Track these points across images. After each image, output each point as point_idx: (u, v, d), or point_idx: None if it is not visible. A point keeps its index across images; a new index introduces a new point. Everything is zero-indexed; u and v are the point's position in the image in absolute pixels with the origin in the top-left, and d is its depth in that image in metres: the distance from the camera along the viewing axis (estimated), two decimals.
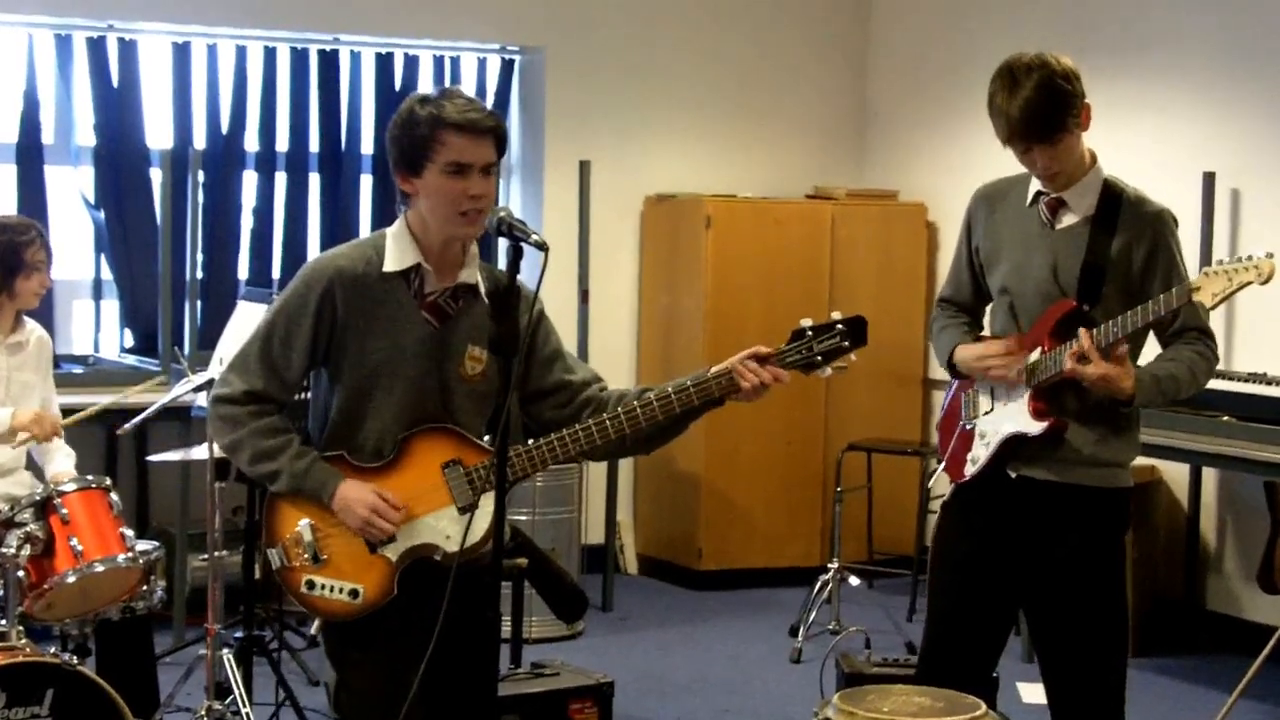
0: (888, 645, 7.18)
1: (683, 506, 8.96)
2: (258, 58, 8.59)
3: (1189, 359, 4.39)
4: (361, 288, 3.93)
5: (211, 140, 8.47)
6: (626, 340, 9.26)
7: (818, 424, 8.94)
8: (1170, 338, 4.45)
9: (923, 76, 9.36)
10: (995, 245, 4.59)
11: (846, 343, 3.99)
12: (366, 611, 3.95)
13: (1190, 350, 4.40)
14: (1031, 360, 4.45)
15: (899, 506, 8.83)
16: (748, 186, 9.22)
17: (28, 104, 8.12)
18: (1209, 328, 4.45)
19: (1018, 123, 4.26)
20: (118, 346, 8.46)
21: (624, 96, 9.19)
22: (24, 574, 5.01)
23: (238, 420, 3.97)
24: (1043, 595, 4.55)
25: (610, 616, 8.29)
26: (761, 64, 9.49)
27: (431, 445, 3.96)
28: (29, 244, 5.76)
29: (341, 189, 8.82)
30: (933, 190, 9.22)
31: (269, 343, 3.96)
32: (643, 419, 3.97)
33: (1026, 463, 4.50)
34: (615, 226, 9.11)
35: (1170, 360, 4.39)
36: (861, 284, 8.98)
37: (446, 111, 3.85)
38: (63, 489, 5.25)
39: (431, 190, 3.89)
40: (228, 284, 8.52)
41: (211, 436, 4.11)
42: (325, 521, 3.94)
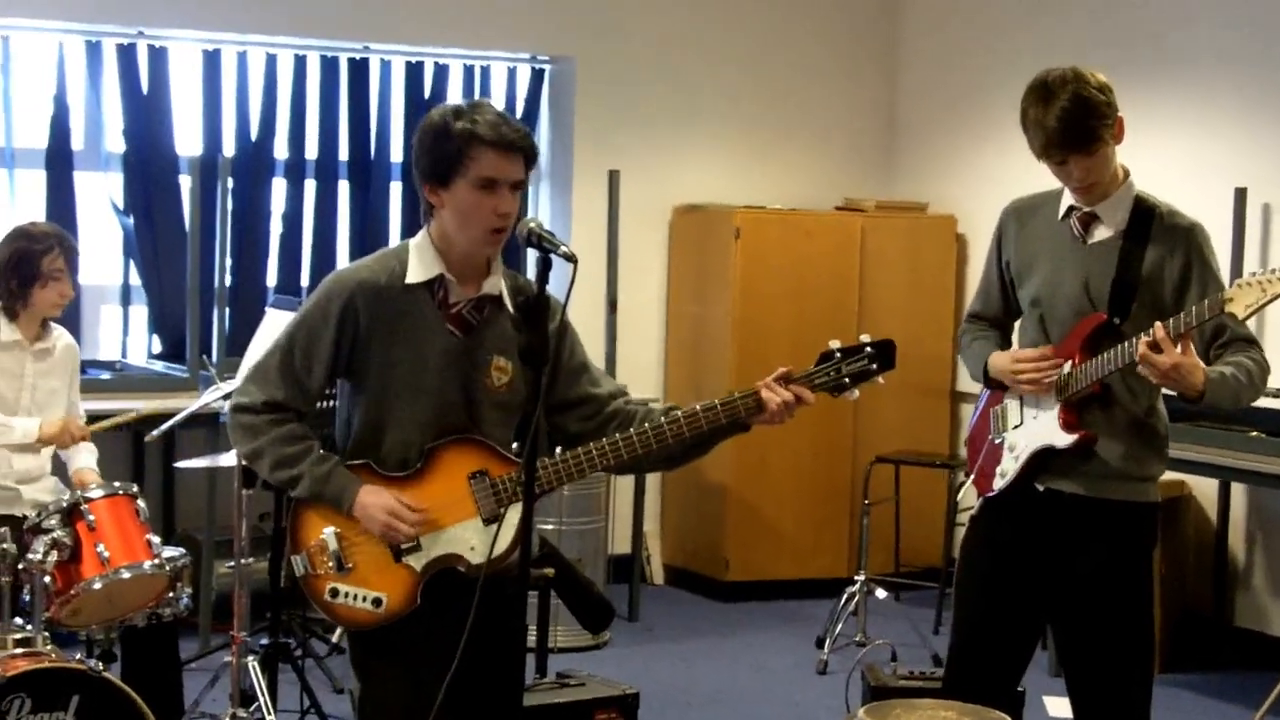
0: (914, 658, 7.16)
1: (710, 517, 8.95)
2: (288, 65, 8.60)
3: (1249, 367, 4.35)
4: (384, 299, 3.93)
5: (241, 147, 8.49)
6: (654, 351, 9.25)
7: (846, 436, 8.92)
8: (1219, 349, 4.42)
9: (953, 88, 9.34)
10: (1026, 260, 4.58)
11: (875, 365, 3.98)
12: (389, 621, 3.94)
13: (1247, 358, 4.36)
14: (1062, 373, 4.44)
15: (926, 519, 8.80)
16: (777, 197, 9.21)
17: (58, 110, 8.13)
18: (1255, 339, 4.43)
19: (1054, 133, 4.25)
20: (145, 352, 8.47)
21: (653, 107, 9.19)
22: (51, 580, 5.02)
23: (258, 429, 3.97)
24: (1069, 609, 4.54)
25: (636, 627, 8.27)
26: (791, 75, 9.48)
27: (458, 456, 3.96)
28: (46, 253, 5.75)
29: (370, 197, 8.83)
30: (962, 202, 9.19)
31: (290, 354, 3.96)
32: (670, 436, 3.96)
33: (1055, 476, 4.50)
34: (644, 237, 9.10)
35: (1234, 364, 4.35)
36: (890, 296, 8.96)
37: (481, 127, 3.84)
38: (90, 495, 5.25)
39: (459, 203, 3.88)
40: (256, 291, 8.53)
41: (232, 445, 4.09)
42: (351, 530, 3.94)
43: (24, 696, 4.73)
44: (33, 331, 5.82)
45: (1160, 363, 4.17)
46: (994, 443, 4.65)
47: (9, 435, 5.63)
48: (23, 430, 5.64)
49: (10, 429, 5.64)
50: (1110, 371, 4.35)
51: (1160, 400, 4.52)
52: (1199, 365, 4.23)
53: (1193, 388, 4.22)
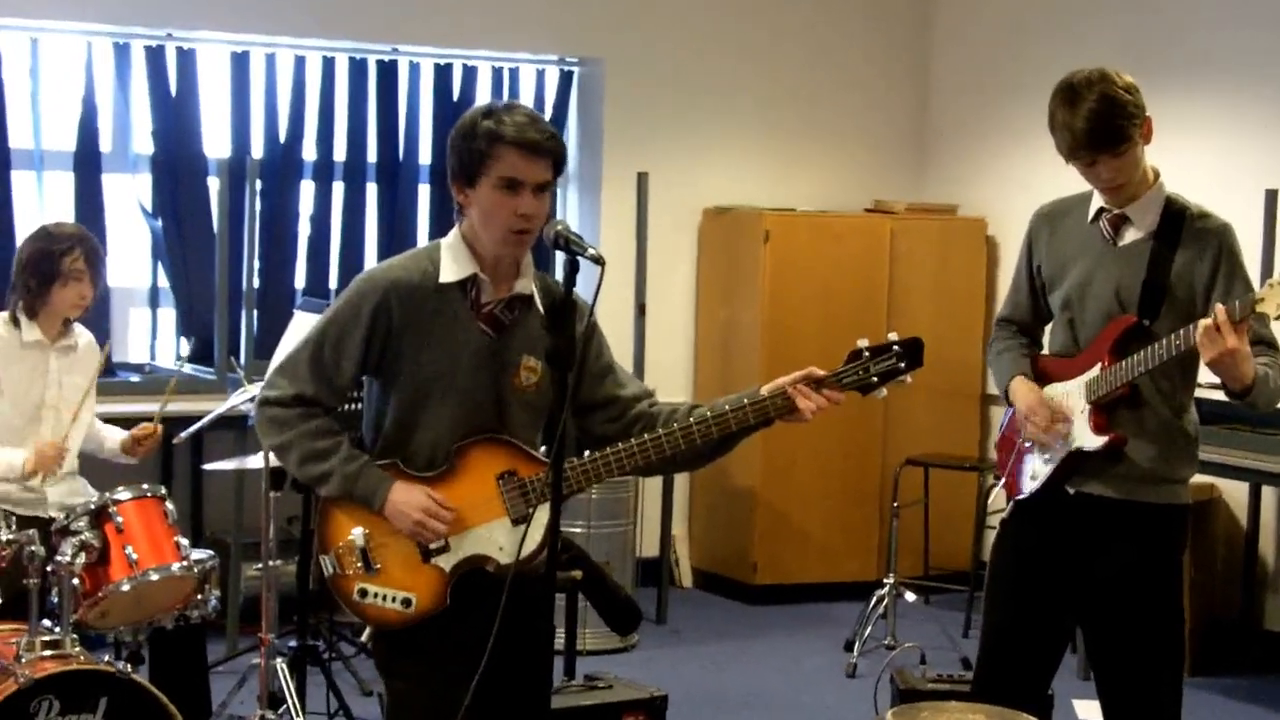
0: (943, 661, 7.14)
1: (738, 520, 8.93)
2: (316, 67, 8.60)
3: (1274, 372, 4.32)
4: (417, 298, 3.93)
5: (269, 149, 8.49)
6: (683, 354, 9.24)
7: (875, 439, 8.89)
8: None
9: (983, 90, 9.30)
10: (1057, 263, 4.57)
11: (903, 364, 3.97)
12: (418, 621, 3.94)
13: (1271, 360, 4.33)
14: (1092, 376, 4.42)
15: (955, 522, 8.77)
16: (806, 200, 9.19)
17: (86, 112, 8.14)
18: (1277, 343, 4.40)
19: (1082, 134, 4.24)
20: (174, 355, 8.48)
21: (682, 109, 9.17)
22: (79, 582, 5.02)
23: (286, 422, 3.98)
24: (1100, 612, 4.53)
25: (664, 630, 8.26)
26: (821, 77, 9.46)
27: (486, 456, 3.95)
28: (66, 253, 5.73)
29: (399, 199, 8.83)
30: (993, 205, 9.16)
31: (320, 350, 3.97)
32: (698, 435, 3.95)
33: (1086, 479, 4.49)
34: (673, 239, 9.09)
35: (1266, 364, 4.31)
36: (920, 299, 8.93)
37: (506, 127, 3.84)
38: (118, 497, 5.26)
39: (483, 204, 3.88)
40: (284, 293, 8.53)
41: (260, 438, 4.09)
42: (379, 529, 3.94)
43: (53, 698, 4.75)
44: (54, 330, 5.81)
45: (1224, 343, 4.11)
46: (1024, 445, 4.64)
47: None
48: (5, 464, 5.55)
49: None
50: (1140, 373, 4.33)
51: (1191, 402, 4.50)
52: (1250, 356, 4.20)
53: (1244, 377, 4.19)
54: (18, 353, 5.73)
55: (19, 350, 5.74)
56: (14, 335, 5.74)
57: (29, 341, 5.74)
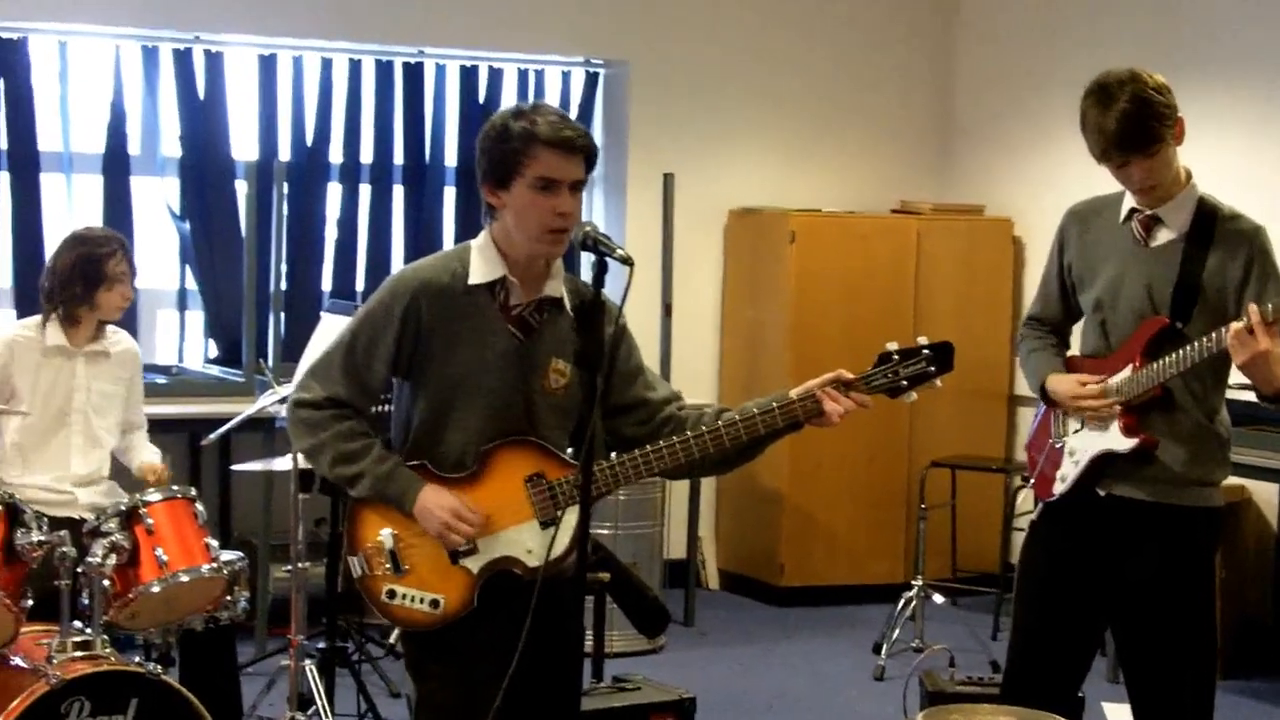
0: (972, 664, 7.11)
1: (765, 522, 8.92)
2: (343, 70, 8.62)
3: None
4: (446, 300, 3.93)
5: (296, 152, 8.51)
6: (709, 355, 9.23)
7: (901, 440, 8.88)
8: None
9: (1010, 89, 9.28)
10: (1088, 263, 4.56)
11: (933, 368, 3.96)
12: (446, 622, 3.94)
13: None
14: (1123, 377, 4.40)
15: (983, 524, 8.75)
16: (832, 200, 9.18)
17: (114, 115, 8.17)
18: None
19: (1114, 135, 4.22)
20: (202, 357, 8.50)
21: (707, 110, 9.16)
22: (109, 583, 5.03)
23: (319, 424, 3.98)
24: (1131, 615, 4.51)
25: (691, 632, 8.26)
26: (846, 77, 9.45)
27: (514, 458, 3.95)
28: (110, 256, 5.77)
29: (425, 201, 8.84)
30: (1019, 205, 9.14)
31: (352, 351, 3.97)
32: (726, 439, 3.94)
33: (1116, 481, 4.48)
34: (698, 240, 9.08)
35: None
36: (947, 299, 8.91)
37: (540, 127, 3.84)
38: (148, 499, 5.27)
39: (518, 205, 3.88)
40: (311, 295, 8.55)
41: (291, 439, 4.10)
42: (408, 531, 3.94)
43: (83, 699, 4.76)
44: (87, 335, 5.83)
45: (1256, 346, 4.10)
46: (1054, 447, 4.63)
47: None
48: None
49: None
50: (1172, 375, 4.31)
51: (1223, 404, 4.49)
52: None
53: (1275, 380, 4.18)
54: (38, 359, 5.75)
55: (39, 356, 5.75)
56: (35, 341, 5.76)
57: (51, 346, 5.76)
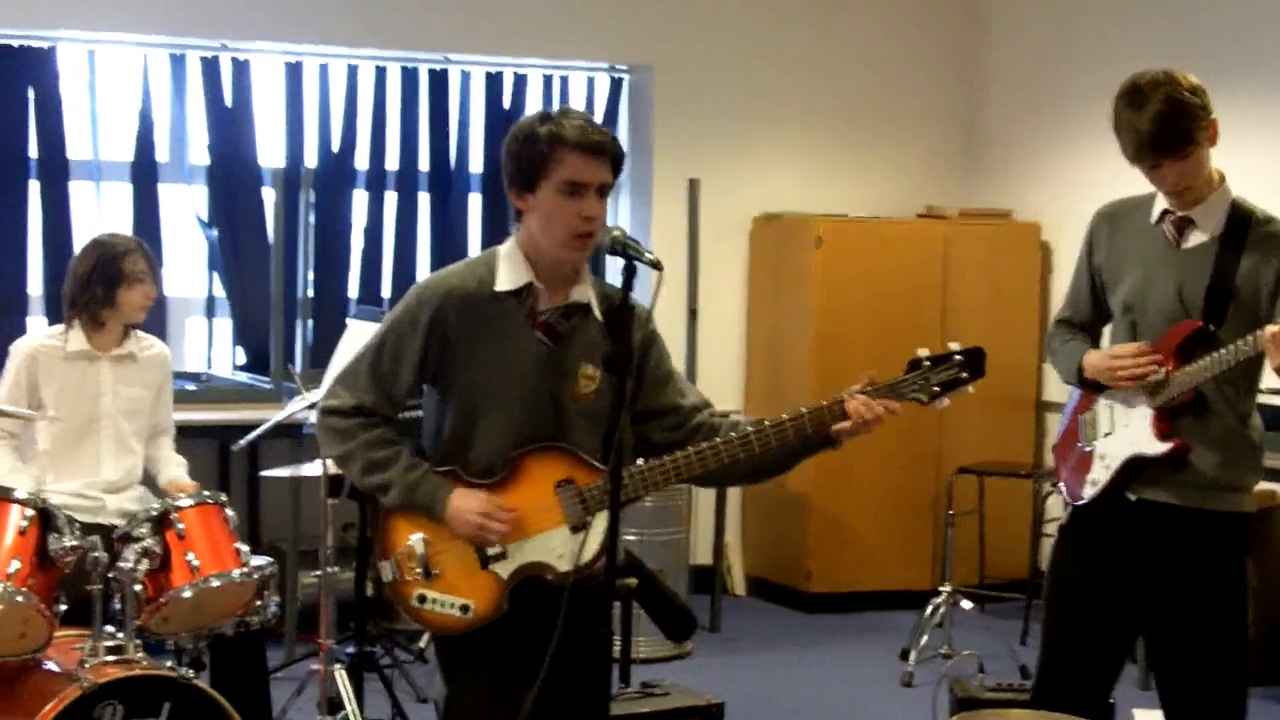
0: (1001, 670, 7.08)
1: (792, 528, 8.91)
2: (368, 77, 8.64)
3: None
4: (474, 307, 3.94)
5: (322, 159, 8.53)
6: (734, 360, 9.23)
7: (929, 446, 8.86)
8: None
9: (1036, 93, 9.26)
10: (1118, 264, 4.54)
11: (965, 374, 3.96)
12: (476, 627, 3.94)
13: None
14: (1155, 379, 4.38)
15: (1011, 530, 8.73)
16: (858, 206, 9.17)
17: (143, 123, 8.20)
18: None
19: (1147, 135, 4.21)
20: (230, 364, 8.52)
21: (732, 115, 9.16)
22: (141, 588, 5.05)
23: (347, 432, 3.99)
24: (1162, 621, 4.49)
25: (718, 638, 8.25)
26: (872, 81, 9.44)
27: (544, 464, 3.95)
28: (126, 254, 5.79)
29: (450, 208, 8.86)
30: (1046, 210, 9.11)
31: (379, 359, 3.98)
32: (756, 445, 3.94)
33: (1147, 486, 4.45)
34: (723, 246, 9.08)
35: None
36: (973, 305, 8.89)
37: (566, 130, 3.85)
38: (179, 504, 5.29)
39: (544, 208, 3.88)
40: (338, 302, 8.58)
41: (321, 447, 4.12)
42: (438, 536, 3.94)
43: (116, 703, 4.78)
44: (113, 339, 5.84)
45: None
46: (1083, 450, 4.61)
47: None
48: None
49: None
50: (1206, 379, 4.30)
51: (1255, 408, 4.47)
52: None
53: None
54: (61, 365, 5.76)
55: (62, 362, 5.76)
56: (57, 349, 5.77)
57: (74, 352, 5.77)
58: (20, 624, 4.83)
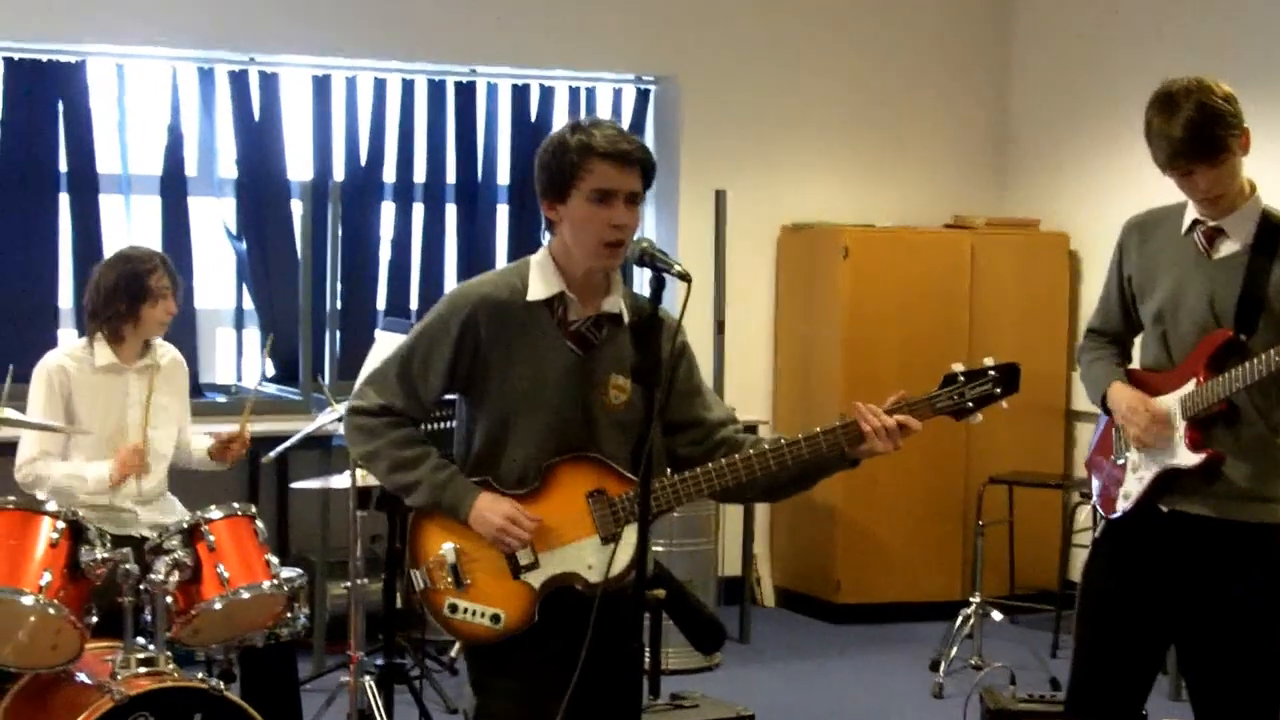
0: (1031, 681, 7.08)
1: (820, 539, 8.90)
2: (396, 90, 8.66)
3: None
4: (505, 315, 3.94)
5: (350, 172, 8.54)
6: (763, 371, 9.22)
7: (958, 456, 8.83)
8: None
9: (1065, 102, 9.24)
10: (1149, 274, 4.52)
11: (999, 389, 3.97)
12: (507, 637, 3.94)
13: None
14: (1187, 392, 4.37)
15: (1041, 540, 8.71)
16: (885, 215, 9.16)
17: (171, 137, 8.23)
18: None
19: (1180, 143, 4.19)
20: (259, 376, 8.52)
21: (759, 125, 9.16)
22: (172, 600, 5.06)
23: (374, 430, 4.01)
24: (1196, 633, 4.46)
25: (747, 649, 8.24)
26: (899, 90, 9.43)
27: (576, 474, 3.95)
28: (152, 271, 5.81)
29: (478, 220, 8.86)
30: (1075, 219, 9.09)
31: (408, 363, 3.99)
32: (789, 457, 3.93)
33: (1180, 497, 4.43)
34: (751, 256, 9.07)
35: None
36: (1002, 315, 8.87)
37: (596, 139, 3.86)
38: (210, 516, 5.30)
39: (575, 217, 3.89)
40: (366, 314, 8.59)
41: (348, 446, 4.13)
42: (470, 544, 3.95)
43: (147, 715, 4.78)
44: (134, 351, 5.87)
45: None
46: (1116, 463, 4.59)
47: (83, 486, 5.62)
48: (95, 478, 5.62)
49: (84, 480, 5.62)
50: (1238, 389, 4.28)
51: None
52: None
53: None
54: (90, 379, 5.77)
55: (91, 376, 5.78)
56: (85, 363, 5.78)
57: (102, 366, 5.78)
58: (52, 636, 4.85)
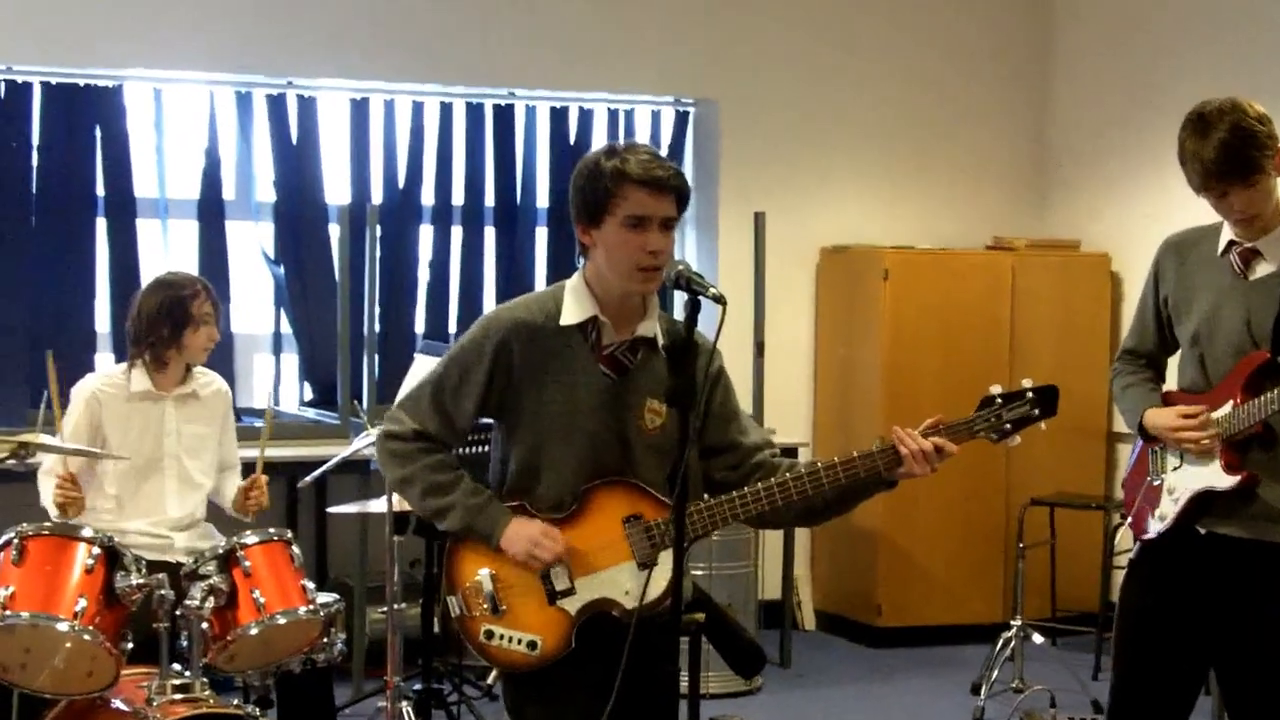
0: (1073, 704, 7.03)
1: (861, 562, 8.86)
2: (434, 113, 8.67)
3: None
4: (539, 340, 3.94)
5: (388, 195, 8.55)
6: (803, 393, 9.19)
7: (998, 478, 8.78)
8: None
9: (1105, 123, 9.20)
10: (1185, 295, 4.50)
11: (1037, 411, 3.96)
12: (544, 663, 3.94)
13: None
14: (1223, 414, 4.34)
15: (1082, 562, 8.65)
16: (925, 237, 9.13)
17: (209, 161, 8.25)
18: None
19: (1213, 164, 4.17)
20: (297, 400, 8.55)
21: (798, 147, 9.14)
22: (208, 626, 5.05)
23: (408, 456, 4.00)
24: (1235, 656, 4.44)
25: (788, 673, 8.20)
26: (938, 112, 9.40)
27: (612, 498, 3.95)
28: (194, 297, 5.80)
29: (516, 242, 8.86)
30: (1116, 240, 9.05)
31: (441, 387, 3.99)
32: (825, 481, 3.93)
33: (1216, 519, 4.40)
34: (790, 278, 9.05)
35: None
36: (1043, 336, 8.83)
37: (630, 165, 3.85)
38: (246, 541, 5.29)
39: (609, 242, 3.89)
40: (404, 337, 8.60)
41: (382, 471, 4.12)
42: (506, 571, 3.94)
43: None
44: (175, 378, 5.85)
45: None
46: (1152, 484, 4.57)
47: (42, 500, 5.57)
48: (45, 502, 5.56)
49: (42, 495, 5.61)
50: (1274, 411, 4.24)
51: None
52: None
53: None
54: (124, 406, 5.76)
55: (125, 403, 5.77)
56: (120, 389, 5.78)
57: (137, 392, 5.77)
58: (87, 662, 4.85)
